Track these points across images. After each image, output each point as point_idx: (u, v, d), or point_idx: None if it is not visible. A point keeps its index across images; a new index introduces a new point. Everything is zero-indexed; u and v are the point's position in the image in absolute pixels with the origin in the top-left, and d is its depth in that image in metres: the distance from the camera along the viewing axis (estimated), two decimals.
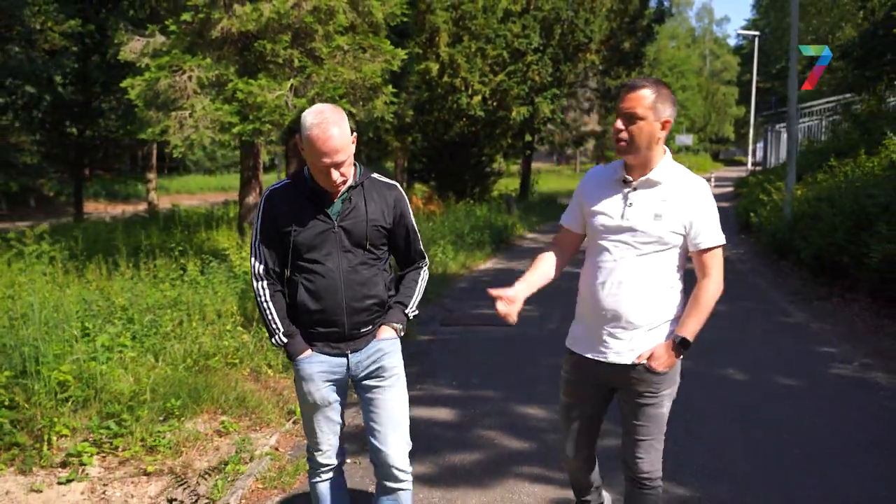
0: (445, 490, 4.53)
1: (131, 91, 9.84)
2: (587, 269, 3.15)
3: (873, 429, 5.38)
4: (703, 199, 3.00)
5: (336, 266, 3.13)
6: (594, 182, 3.20)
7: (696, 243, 2.99)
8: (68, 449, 5.20)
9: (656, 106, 2.89)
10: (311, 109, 3.03)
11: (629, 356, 3.03)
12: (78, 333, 6.78)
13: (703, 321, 3.02)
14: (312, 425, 3.34)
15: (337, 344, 3.22)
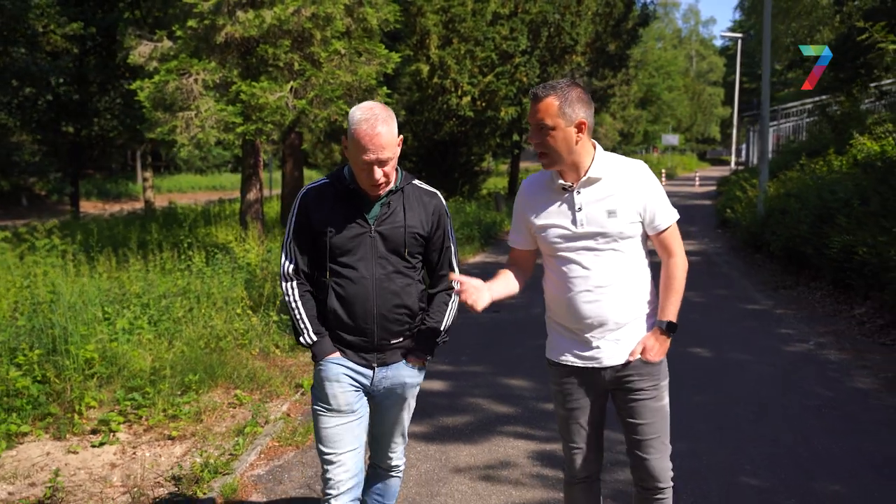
0: (439, 445, 5.19)
1: (141, 93, 10.43)
2: (555, 283, 3.03)
3: (819, 395, 6.06)
4: (648, 182, 2.95)
5: (369, 272, 3.01)
6: (533, 195, 3.07)
7: (655, 226, 2.96)
8: (97, 418, 5.77)
9: (564, 111, 2.81)
10: (361, 106, 2.96)
11: (622, 356, 2.97)
12: (100, 317, 7.41)
13: (680, 299, 3.01)
14: (330, 435, 3.09)
15: (365, 354, 3.10)
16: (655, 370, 3.00)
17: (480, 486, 4.52)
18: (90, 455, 5.35)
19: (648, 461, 3.02)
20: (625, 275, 2.93)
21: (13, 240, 12.08)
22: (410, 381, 3.18)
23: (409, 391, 3.21)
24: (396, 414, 3.25)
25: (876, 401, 5.89)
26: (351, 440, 3.09)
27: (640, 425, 3.01)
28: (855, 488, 4.37)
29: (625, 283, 2.93)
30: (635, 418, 3.02)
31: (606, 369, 2.99)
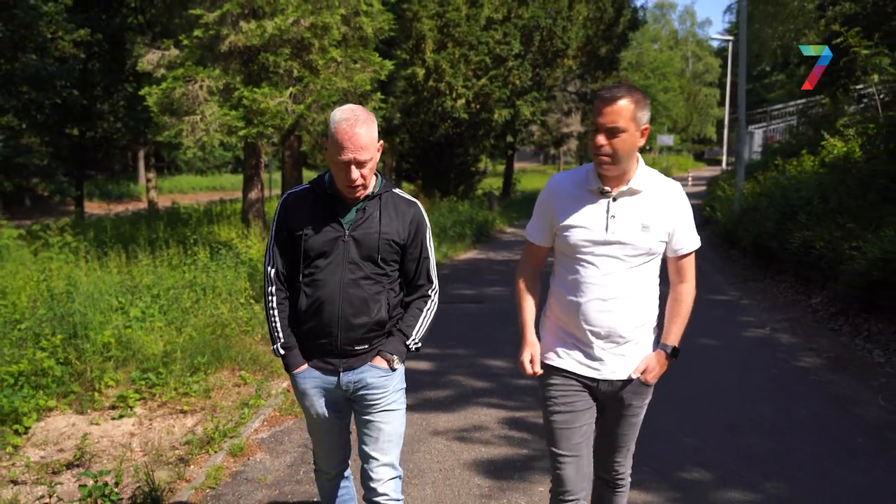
0: (421, 413, 5.87)
1: (149, 98, 11.11)
2: (568, 286, 2.97)
3: (766, 372, 6.75)
4: (683, 205, 2.94)
5: (337, 277, 3.04)
6: (563, 194, 2.99)
7: (677, 249, 2.94)
8: (116, 395, 6.44)
9: (636, 115, 2.78)
10: (342, 107, 2.98)
11: (625, 372, 2.96)
12: (115, 306, 8.10)
13: (685, 325, 3.01)
14: (315, 435, 3.35)
15: (330, 359, 3.12)
16: (647, 391, 3.03)
17: (455, 445, 5.21)
18: (111, 426, 6.00)
19: (616, 462, 3.16)
20: (639, 290, 2.91)
21: (27, 237, 12.77)
22: (373, 381, 3.11)
23: (378, 394, 3.13)
24: (371, 423, 3.16)
25: (814, 377, 6.58)
26: (333, 436, 3.30)
27: (617, 435, 3.08)
28: (778, 445, 5.05)
29: (637, 299, 2.91)
30: (614, 428, 3.08)
31: (604, 381, 2.97)
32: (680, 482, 4.52)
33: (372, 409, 3.15)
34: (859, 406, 5.83)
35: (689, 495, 4.35)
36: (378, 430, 3.15)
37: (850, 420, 5.53)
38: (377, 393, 3.12)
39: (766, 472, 4.64)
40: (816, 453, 4.93)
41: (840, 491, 4.37)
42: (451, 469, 4.82)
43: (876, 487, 4.40)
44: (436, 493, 4.48)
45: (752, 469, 4.69)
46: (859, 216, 9.21)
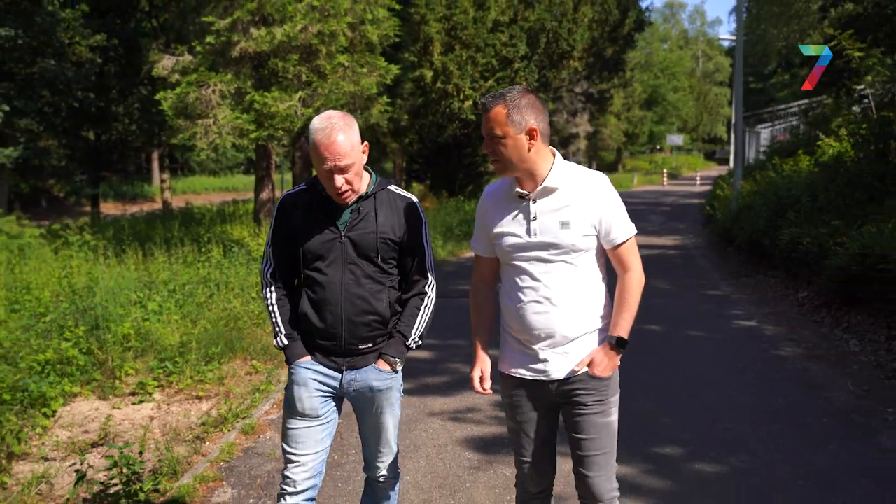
0: (419, 397, 6.32)
1: (164, 103, 11.60)
2: (508, 293, 3.01)
3: (746, 360, 7.15)
4: (606, 195, 2.90)
5: (338, 278, 3.07)
6: (492, 202, 3.04)
7: (610, 240, 2.91)
8: (135, 382, 6.90)
9: (514, 119, 2.78)
10: (321, 115, 3.02)
11: (568, 368, 2.93)
12: (133, 300, 8.57)
13: (633, 315, 2.94)
14: (293, 436, 3.18)
15: (334, 358, 3.14)
16: (603, 385, 2.95)
17: (448, 425, 5.65)
18: (131, 410, 6.45)
19: (590, 479, 2.98)
20: (576, 288, 2.90)
21: (48, 236, 13.30)
22: (377, 385, 3.16)
23: (380, 395, 3.19)
24: (373, 420, 3.23)
25: (791, 365, 6.98)
26: (312, 444, 3.16)
27: (584, 440, 2.97)
28: (748, 426, 5.46)
29: (576, 297, 2.89)
30: (579, 433, 2.98)
31: (554, 382, 2.96)
32: (652, 456, 4.94)
33: (374, 409, 3.20)
34: (830, 391, 6.22)
35: (660, 468, 4.76)
36: (380, 428, 3.23)
37: (819, 404, 5.93)
38: (380, 395, 3.17)
39: (734, 449, 5.05)
40: (783, 432, 5.33)
41: (798, 466, 4.77)
42: (445, 445, 5.25)
43: (833, 464, 4.80)
44: (429, 465, 4.91)
45: (720, 446, 5.10)
46: (846, 214, 9.58)
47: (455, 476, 4.75)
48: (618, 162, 64.20)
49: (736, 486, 4.51)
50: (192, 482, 4.73)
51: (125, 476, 4.41)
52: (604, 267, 3.00)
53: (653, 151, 75.40)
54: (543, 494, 3.17)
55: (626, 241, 2.93)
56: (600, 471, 2.97)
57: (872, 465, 4.74)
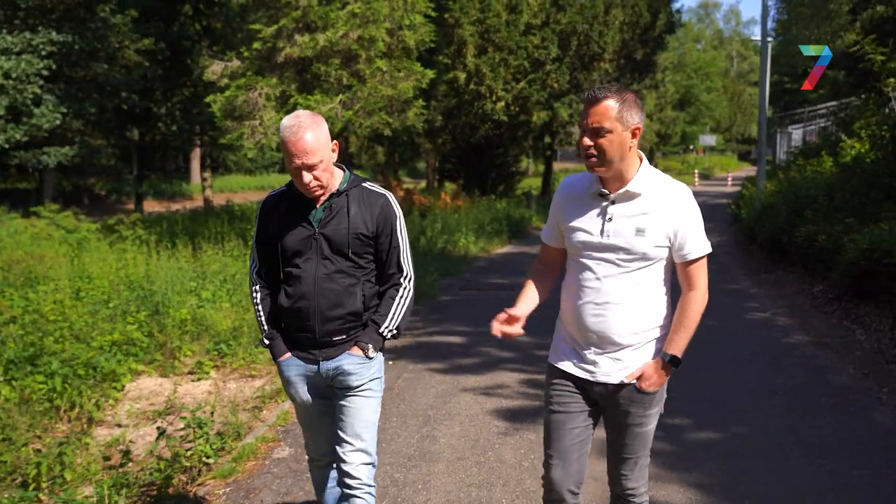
0: (453, 375, 6.94)
1: (214, 105, 12.35)
2: (569, 288, 2.99)
3: (757, 347, 7.69)
4: (686, 208, 2.85)
5: (312, 272, 3.17)
6: (569, 195, 3.01)
7: (683, 255, 2.86)
8: (193, 363, 7.58)
9: (623, 115, 2.75)
10: (289, 115, 3.09)
11: (618, 376, 2.91)
12: (188, 289, 9.29)
13: (690, 335, 2.91)
14: (303, 423, 3.52)
15: (310, 350, 3.26)
16: (648, 399, 2.93)
17: (480, 398, 6.26)
18: (191, 386, 7.13)
19: (623, 476, 3.07)
20: (638, 296, 2.86)
21: (103, 231, 14.12)
22: (349, 367, 3.24)
23: (353, 380, 3.26)
24: (345, 408, 3.30)
25: (798, 351, 7.50)
26: (316, 428, 3.47)
27: (621, 444, 3.02)
28: (751, 401, 6.02)
29: (635, 305, 2.86)
30: (617, 436, 3.03)
31: (599, 384, 2.94)
32: (661, 425, 5.49)
33: (346, 394, 3.28)
34: (832, 374, 6.75)
35: (667, 435, 5.33)
36: (351, 414, 3.28)
37: (820, 384, 6.46)
38: (352, 378, 3.25)
39: (736, 420, 5.62)
40: (782, 407, 5.88)
41: (791, 434, 5.33)
42: (476, 415, 5.87)
43: (825, 433, 5.35)
44: (462, 430, 5.54)
45: (724, 418, 5.66)
46: (861, 213, 10.03)
47: (485, 439, 5.37)
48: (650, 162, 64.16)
49: (733, 450, 5.08)
50: (254, 442, 5.39)
51: (197, 435, 5.08)
52: (670, 281, 2.94)
53: (685, 152, 75.30)
54: (571, 494, 3.07)
55: (699, 260, 2.88)
56: (632, 471, 3.03)
57: (861, 436, 5.29)
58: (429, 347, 8.01)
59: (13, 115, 17.61)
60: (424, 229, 15.86)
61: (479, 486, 4.61)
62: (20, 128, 17.52)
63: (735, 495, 4.41)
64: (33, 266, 10.50)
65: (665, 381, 2.95)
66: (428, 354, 7.70)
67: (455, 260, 14.05)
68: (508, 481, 4.65)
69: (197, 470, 4.94)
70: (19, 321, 7.39)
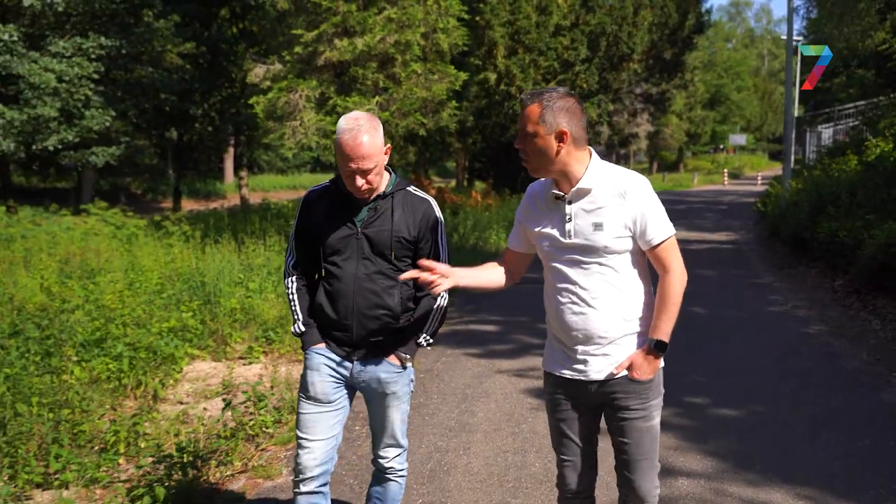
0: (488, 359, 7.43)
1: (257, 107, 12.95)
2: (548, 292, 3.04)
3: (776, 335, 8.09)
4: (639, 195, 2.87)
5: (352, 272, 3.18)
6: (531, 202, 3.07)
7: (647, 241, 2.89)
8: (243, 349, 8.13)
9: (546, 119, 2.78)
10: (347, 115, 3.09)
11: (608, 370, 2.94)
12: (236, 280, 9.85)
13: (674, 317, 2.92)
14: (305, 421, 3.31)
15: (346, 348, 3.27)
16: (644, 389, 2.95)
17: (513, 379, 6.75)
18: (243, 370, 7.67)
19: (633, 481, 3.03)
20: (613, 290, 2.89)
21: (150, 227, 14.78)
22: (385, 377, 3.26)
23: (388, 388, 3.29)
24: (380, 411, 3.34)
25: (815, 340, 7.91)
26: (323, 429, 3.29)
27: (627, 444, 3.00)
28: (767, 382, 6.46)
29: (613, 299, 2.89)
30: (622, 437, 3.01)
31: (594, 383, 2.96)
32: (683, 403, 5.97)
33: (382, 402, 3.32)
34: (845, 360, 7.16)
35: (688, 412, 5.79)
36: (387, 417, 3.34)
37: (833, 368, 6.88)
38: (388, 386, 3.29)
39: (752, 399, 6.06)
40: (796, 387, 6.31)
41: (804, 411, 5.77)
42: (510, 393, 6.36)
43: (835, 411, 5.78)
44: (498, 406, 6.04)
45: (741, 397, 6.10)
46: (882, 209, 10.38)
47: (519, 414, 5.86)
48: (679, 162, 64.34)
49: (748, 425, 5.53)
50: None
51: (259, 406, 5.62)
52: (645, 269, 2.99)
53: (716, 151, 75.13)
54: (584, 495, 3.18)
55: (664, 242, 2.90)
56: (643, 474, 3.01)
57: (869, 413, 5.71)
58: (465, 335, 8.51)
59: (65, 116, 18.40)
60: (457, 226, 16.38)
61: (514, 452, 5.11)
62: (72, 129, 18.30)
63: (748, 462, 4.85)
64: (89, 259, 11.13)
65: (658, 369, 2.96)
66: (464, 341, 8.20)
67: (487, 255, 14.52)
68: (541, 449, 5.13)
69: (259, 437, 5.48)
70: (83, 309, 7.98)
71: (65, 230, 14.04)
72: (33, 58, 17.84)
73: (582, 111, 2.87)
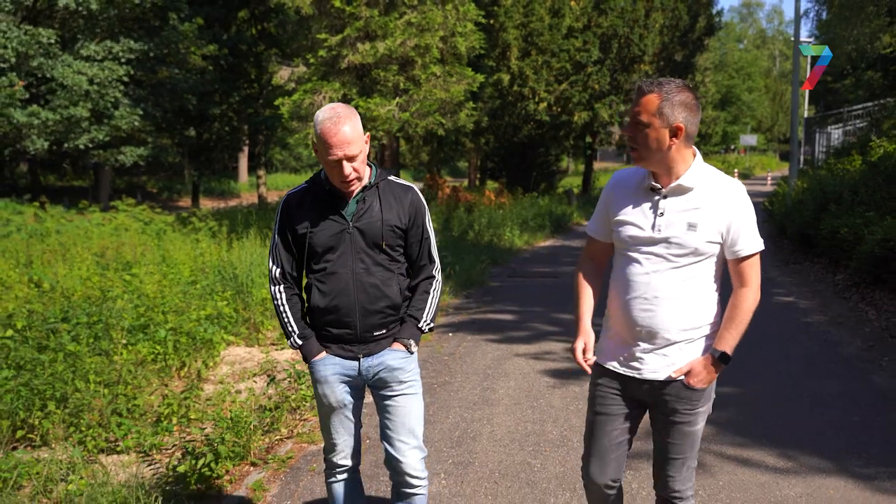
0: (507, 345, 7.96)
1: (283, 108, 13.49)
2: (617, 283, 2.97)
3: (777, 324, 8.59)
4: (739, 204, 2.81)
5: (349, 267, 3.13)
6: (620, 189, 2.99)
7: (735, 251, 2.83)
8: (274, 336, 8.66)
9: (663, 111, 2.71)
10: (324, 108, 3.05)
11: (665, 372, 2.88)
12: (265, 272, 10.39)
13: (741, 333, 2.89)
14: (329, 426, 3.35)
15: (350, 346, 3.21)
16: (696, 396, 2.90)
17: (531, 361, 7.28)
18: (276, 354, 8.20)
19: (670, 478, 3.03)
20: (687, 292, 2.84)
21: (177, 223, 15.36)
22: (395, 364, 3.23)
23: (398, 376, 3.26)
24: (394, 404, 3.29)
25: (815, 329, 8.41)
26: (346, 428, 3.35)
27: (667, 444, 2.98)
28: (767, 365, 6.97)
29: (685, 301, 2.84)
30: (664, 436, 2.99)
31: (646, 382, 2.93)
32: None
33: (393, 393, 3.28)
34: (841, 346, 7.65)
35: None
36: (403, 413, 3.28)
37: (829, 354, 7.38)
38: (399, 374, 3.25)
39: (752, 378, 6.57)
40: (793, 370, 6.82)
41: (799, 390, 6.28)
42: (528, 373, 6.89)
43: (828, 390, 6.28)
44: (517, 384, 6.57)
45: (742, 377, 6.59)
46: (881, 207, 10.85)
47: (537, 390, 6.39)
48: None
49: (747, 400, 6.04)
50: None
51: (299, 382, 6.16)
52: (721, 277, 2.93)
53: (727, 152, 75.39)
54: (611, 489, 3.13)
55: (751, 256, 2.85)
56: (679, 472, 3.00)
57: (859, 393, 6.21)
58: (483, 323, 9.04)
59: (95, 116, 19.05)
60: (472, 223, 16.93)
61: (534, 422, 5.64)
62: (102, 129, 18.95)
63: (746, 431, 5.38)
64: (124, 253, 11.70)
65: (714, 379, 2.92)
66: (483, 328, 8.72)
67: (501, 251, 15.07)
68: (557, 419, 5.67)
69: (301, 409, 6.02)
70: (125, 297, 8.53)
71: (95, 226, 14.62)
72: (66, 61, 18.51)
73: (699, 108, 2.81)
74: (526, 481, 4.67)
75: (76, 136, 18.61)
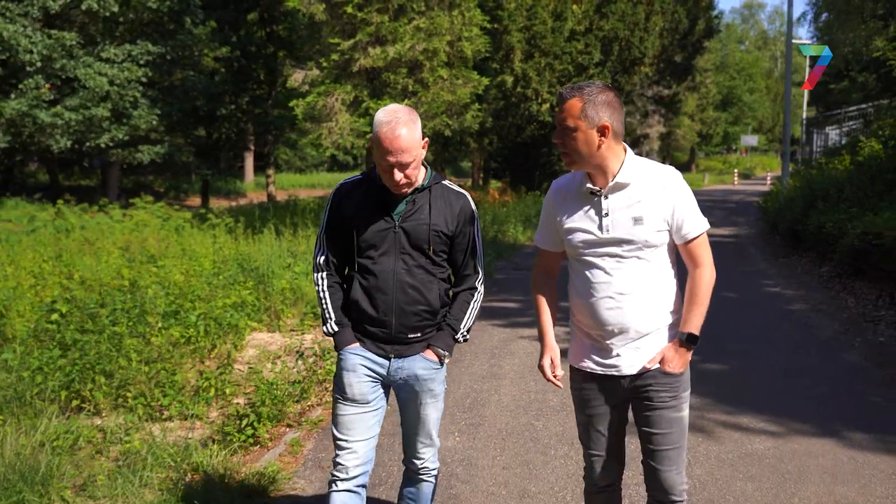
0: (511, 328, 8.63)
1: (297, 109, 14.17)
2: (579, 288, 3.02)
3: (762, 311, 9.25)
4: (677, 190, 2.89)
5: (391, 266, 3.13)
6: (561, 197, 3.03)
7: (683, 235, 2.91)
8: (294, 323, 9.31)
9: (587, 113, 2.76)
10: (385, 108, 3.01)
11: (641, 364, 2.95)
12: (284, 265, 11.04)
13: (704, 311, 2.96)
14: (344, 422, 3.24)
15: (383, 345, 3.20)
16: (675, 381, 2.96)
17: (535, 343, 7.92)
18: (297, 339, 8.84)
19: (661, 472, 3.00)
20: (648, 283, 2.90)
21: (195, 219, 16.02)
22: (423, 374, 3.23)
23: (425, 385, 3.25)
24: (416, 409, 3.30)
25: (797, 315, 9.08)
26: (363, 430, 3.23)
27: (656, 435, 2.99)
28: (748, 345, 7.63)
29: (648, 292, 2.90)
30: (651, 428, 2.99)
31: (625, 377, 2.98)
32: None
33: (418, 399, 3.28)
34: (819, 330, 8.32)
35: None
36: (423, 419, 3.30)
37: (807, 336, 8.05)
38: (425, 384, 3.25)
39: (734, 357, 7.24)
40: (774, 349, 7.49)
41: (776, 367, 6.96)
42: (532, 353, 7.56)
43: (802, 366, 6.96)
44: (521, 362, 7.25)
45: (724, 356, 7.26)
46: (865, 203, 11.51)
47: None
48: (691, 162, 65.29)
49: (729, 374, 6.72)
50: None
51: (325, 358, 6.82)
52: (675, 262, 3.00)
53: (728, 152, 75.95)
54: (612, 488, 3.20)
55: (699, 237, 2.93)
56: (671, 465, 2.99)
57: (831, 369, 6.88)
58: (489, 310, 9.68)
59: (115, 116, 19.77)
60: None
61: (537, 392, 6.32)
62: (121, 128, 19.67)
63: (727, 399, 6.05)
64: (148, 246, 12.36)
65: (688, 361, 2.99)
66: (489, 315, 9.38)
67: (505, 246, 15.72)
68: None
69: (328, 382, 6.68)
70: (153, 287, 9.18)
71: (116, 222, 15.29)
72: (88, 62, 19.23)
73: (621, 105, 2.87)
74: (530, 438, 5.35)
75: (97, 136, 19.32)
